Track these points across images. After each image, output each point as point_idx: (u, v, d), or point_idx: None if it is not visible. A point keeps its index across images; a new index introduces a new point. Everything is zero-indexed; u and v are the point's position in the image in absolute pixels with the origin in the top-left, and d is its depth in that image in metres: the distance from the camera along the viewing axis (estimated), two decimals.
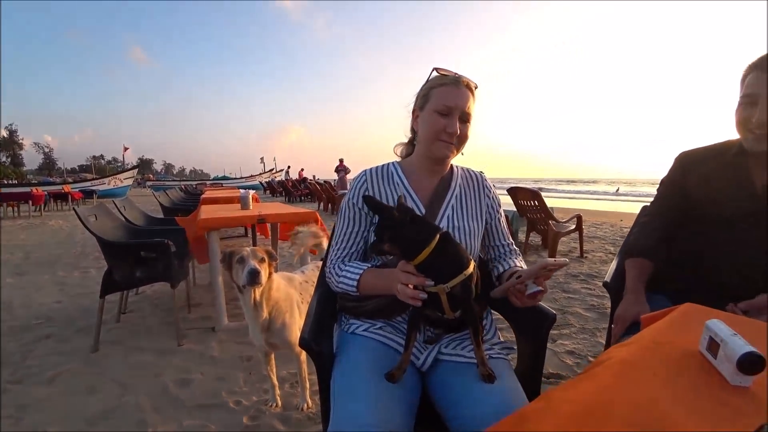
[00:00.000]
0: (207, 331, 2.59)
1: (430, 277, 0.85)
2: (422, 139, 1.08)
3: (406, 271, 0.87)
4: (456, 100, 1.01)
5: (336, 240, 1.12)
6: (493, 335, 1.09)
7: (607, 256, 5.14)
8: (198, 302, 3.16)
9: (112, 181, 23.27)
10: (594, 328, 2.69)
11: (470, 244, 1.08)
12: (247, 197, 3.14)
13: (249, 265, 1.49)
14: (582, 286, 3.67)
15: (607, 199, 24.64)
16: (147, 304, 3.16)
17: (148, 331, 2.63)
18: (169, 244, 2.38)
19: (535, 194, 4.99)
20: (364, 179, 1.11)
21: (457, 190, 1.13)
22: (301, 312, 1.76)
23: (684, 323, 0.72)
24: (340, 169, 14.42)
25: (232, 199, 4.61)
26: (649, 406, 0.49)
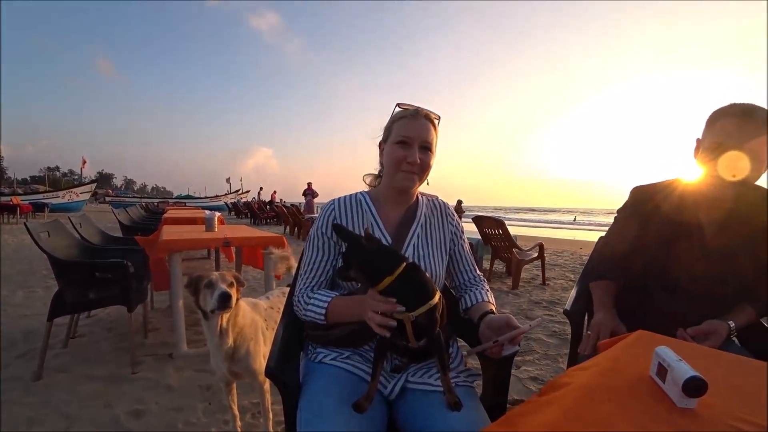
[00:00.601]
0: (164, 358, 2.46)
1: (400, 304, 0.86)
2: (386, 171, 1.13)
3: (375, 300, 0.88)
4: (415, 130, 1.06)
5: (304, 269, 1.13)
6: (459, 363, 1.10)
7: (567, 283, 5.34)
8: (155, 327, 3.00)
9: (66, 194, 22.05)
10: (556, 354, 2.76)
11: (435, 271, 1.12)
12: (212, 219, 3.06)
13: (219, 288, 1.45)
14: (545, 313, 3.79)
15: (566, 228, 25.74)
16: (99, 328, 2.97)
17: (99, 357, 2.47)
18: (127, 264, 2.28)
19: (499, 223, 5.17)
20: (333, 208, 1.13)
21: (422, 219, 1.17)
22: (266, 339, 1.71)
23: (636, 350, 0.77)
24: (308, 193, 14.36)
25: (196, 220, 4.47)
26: (606, 429, 0.53)
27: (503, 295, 4.51)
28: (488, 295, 1.16)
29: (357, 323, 0.97)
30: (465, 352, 1.16)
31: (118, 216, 5.03)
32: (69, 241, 2.67)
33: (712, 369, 0.70)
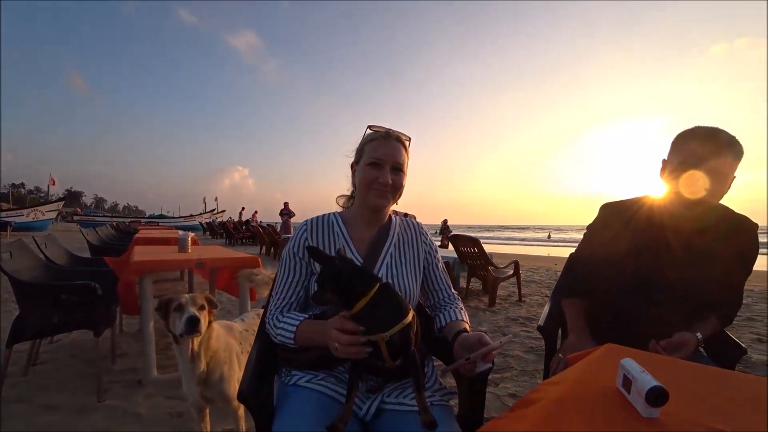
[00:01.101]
0: (133, 385, 2.35)
1: (369, 326, 0.86)
2: (359, 191, 1.15)
3: (338, 328, 0.87)
4: (386, 152, 1.09)
5: (276, 290, 1.13)
6: (435, 382, 1.11)
7: (543, 299, 5.43)
8: (124, 352, 2.88)
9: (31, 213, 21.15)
10: (534, 370, 2.79)
11: (409, 290, 1.13)
12: (185, 239, 2.98)
13: (188, 312, 1.42)
14: (521, 329, 3.83)
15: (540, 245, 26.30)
16: (63, 354, 2.82)
17: (62, 385, 2.33)
18: (95, 287, 2.19)
19: (475, 241, 5.25)
20: (305, 229, 1.14)
21: (395, 239, 1.19)
22: (240, 363, 1.67)
23: (604, 363, 0.80)
24: (285, 213, 14.21)
25: (169, 240, 4.35)
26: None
27: (480, 313, 4.54)
28: (462, 314, 1.17)
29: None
30: (440, 371, 1.17)
31: (86, 236, 4.85)
32: (33, 262, 2.56)
33: (675, 379, 0.73)
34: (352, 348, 0.86)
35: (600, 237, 1.39)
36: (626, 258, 1.31)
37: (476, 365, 0.94)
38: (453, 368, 0.95)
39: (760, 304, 5.34)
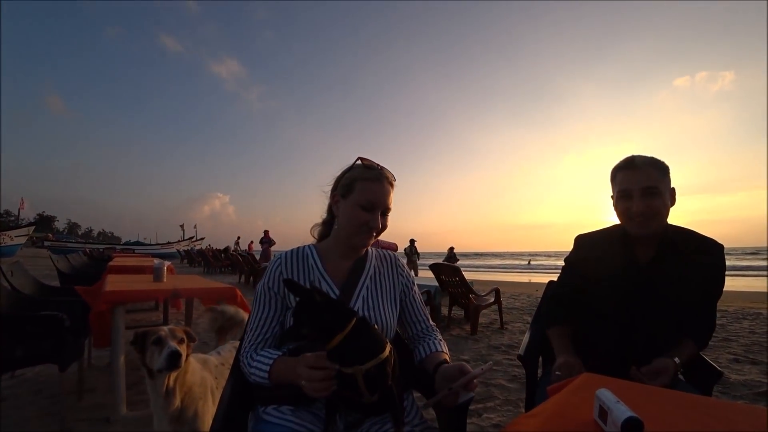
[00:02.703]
0: (99, 423, 2.22)
1: (346, 361, 0.85)
2: (343, 227, 1.12)
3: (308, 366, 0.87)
4: (380, 196, 1.08)
5: (251, 326, 1.10)
6: (415, 415, 1.09)
7: (525, 325, 5.44)
8: (91, 387, 2.72)
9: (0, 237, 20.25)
10: (517, 399, 2.76)
11: (386, 322, 1.11)
12: (161, 268, 2.90)
13: (169, 347, 1.37)
14: (504, 357, 3.81)
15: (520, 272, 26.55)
16: (25, 390, 2.65)
17: (23, 423, 2.19)
18: (62, 318, 2.09)
19: (456, 270, 5.28)
20: (279, 262, 1.12)
21: (372, 271, 1.17)
22: (215, 398, 1.60)
23: (581, 394, 0.80)
24: (265, 241, 14.01)
25: (144, 269, 4.22)
26: None
27: (462, 341, 4.51)
28: (442, 345, 1.16)
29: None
30: (421, 404, 1.15)
31: (56, 263, 4.67)
32: None
33: (651, 407, 0.75)
34: (320, 384, 0.84)
35: (576, 267, 1.44)
36: (602, 286, 1.34)
37: (458, 395, 0.93)
38: (435, 401, 0.94)
39: (734, 324, 5.48)
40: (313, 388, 0.85)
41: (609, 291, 1.33)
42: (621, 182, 1.29)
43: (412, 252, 14.76)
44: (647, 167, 1.25)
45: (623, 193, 1.28)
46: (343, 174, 1.14)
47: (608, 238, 1.39)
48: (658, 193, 1.24)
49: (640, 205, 1.23)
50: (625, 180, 1.28)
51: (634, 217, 1.26)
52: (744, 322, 5.62)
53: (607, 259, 1.35)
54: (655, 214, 1.24)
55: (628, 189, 1.26)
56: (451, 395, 0.92)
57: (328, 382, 0.85)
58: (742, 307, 6.91)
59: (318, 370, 0.85)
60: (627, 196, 1.27)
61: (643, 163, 1.26)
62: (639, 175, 1.25)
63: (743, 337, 4.68)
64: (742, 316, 6.05)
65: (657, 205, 1.24)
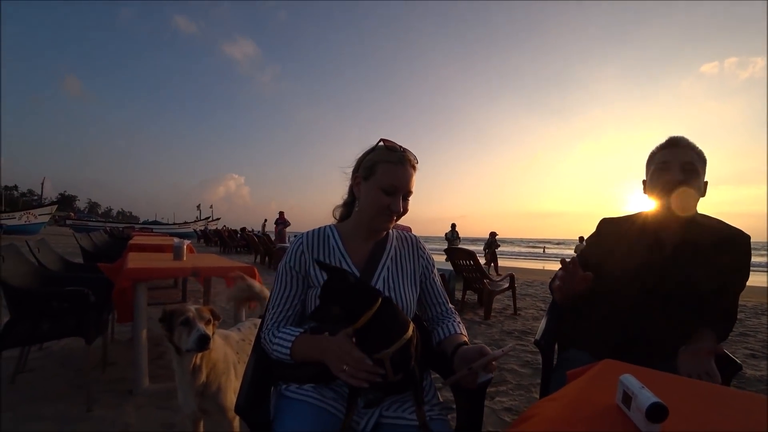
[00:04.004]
0: (123, 395, 2.31)
1: (372, 342, 0.87)
2: (364, 210, 1.12)
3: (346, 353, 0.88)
4: (402, 180, 1.07)
5: (272, 304, 1.11)
6: (433, 396, 1.10)
7: (538, 312, 5.43)
8: (115, 361, 2.83)
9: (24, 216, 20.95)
10: (529, 384, 2.78)
11: (407, 303, 1.11)
12: (181, 247, 2.96)
13: (198, 329, 1.40)
14: (517, 343, 3.82)
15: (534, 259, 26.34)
16: (52, 362, 2.77)
17: (50, 394, 2.29)
18: (87, 293, 2.16)
19: (471, 254, 5.26)
20: (300, 242, 1.12)
21: (392, 252, 1.17)
22: (237, 373, 1.65)
23: (603, 379, 0.80)
24: (280, 222, 14.06)
25: (163, 247, 4.31)
26: None
27: (475, 326, 4.53)
28: (460, 327, 1.17)
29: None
30: (439, 384, 1.16)
31: (80, 241, 4.81)
32: (25, 267, 2.53)
33: (674, 395, 0.73)
34: (363, 374, 0.86)
35: (598, 250, 1.42)
36: (622, 270, 1.32)
37: (478, 376, 0.93)
38: (454, 380, 0.95)
39: (753, 319, 5.38)
40: (355, 377, 0.86)
41: (631, 276, 1.30)
42: (660, 157, 1.28)
43: (453, 237, 14.07)
44: (690, 148, 1.25)
45: (662, 165, 1.26)
46: (365, 155, 1.12)
47: (633, 223, 1.37)
48: (696, 174, 1.23)
49: (679, 176, 1.22)
50: (665, 155, 1.27)
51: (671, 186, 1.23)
52: (762, 317, 5.53)
53: (630, 244, 1.33)
54: (689, 190, 1.22)
55: (668, 161, 1.25)
56: (471, 375, 0.92)
57: (371, 375, 0.86)
58: (761, 302, 6.78)
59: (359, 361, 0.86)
60: (665, 168, 1.25)
61: (687, 144, 1.26)
62: (681, 151, 1.25)
63: (761, 332, 4.60)
64: (761, 312, 5.95)
65: (692, 183, 1.22)
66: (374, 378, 0.87)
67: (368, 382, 0.88)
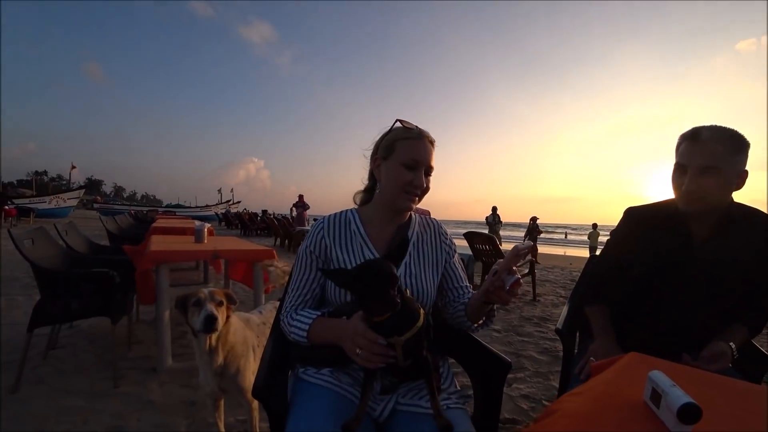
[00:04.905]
0: (147, 372, 2.39)
1: (387, 330, 0.86)
2: (386, 189, 1.10)
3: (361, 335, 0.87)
4: (422, 154, 1.05)
5: (292, 287, 1.11)
6: (450, 383, 1.08)
7: (558, 299, 5.35)
8: (140, 339, 2.93)
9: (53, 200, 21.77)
10: (547, 371, 2.75)
11: (427, 290, 1.09)
12: (202, 230, 3.01)
13: (206, 309, 1.42)
14: (535, 329, 3.78)
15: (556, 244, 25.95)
16: (81, 339, 2.88)
17: (79, 370, 2.39)
18: (113, 275, 2.23)
19: (490, 239, 5.20)
20: (321, 227, 1.12)
21: (414, 238, 1.15)
22: (256, 356, 1.68)
23: (629, 373, 0.76)
24: (299, 205, 14.10)
25: (185, 230, 4.38)
26: None
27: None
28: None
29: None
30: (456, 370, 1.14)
31: (105, 224, 4.96)
32: (54, 250, 2.61)
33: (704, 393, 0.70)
34: (376, 357, 0.85)
35: (624, 242, 1.35)
36: (649, 263, 1.26)
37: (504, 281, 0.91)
38: (482, 292, 0.94)
39: None
40: (369, 359, 0.86)
41: (659, 270, 1.24)
42: (681, 154, 1.18)
43: (495, 221, 13.28)
44: (712, 143, 1.12)
45: (679, 166, 1.18)
46: (383, 137, 1.11)
47: (662, 213, 1.29)
48: (716, 173, 1.12)
49: (692, 184, 1.13)
50: (685, 153, 1.16)
51: (683, 194, 1.16)
52: None
53: (659, 236, 1.26)
54: (705, 195, 1.13)
55: (685, 164, 1.16)
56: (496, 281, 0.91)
57: (384, 357, 0.86)
58: None
59: (372, 343, 0.85)
60: (683, 171, 1.17)
61: (709, 138, 1.12)
62: (700, 150, 1.13)
63: None
64: None
65: (710, 186, 1.12)
66: (387, 360, 0.86)
67: (382, 365, 0.87)
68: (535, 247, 12.50)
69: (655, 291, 1.25)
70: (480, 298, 0.98)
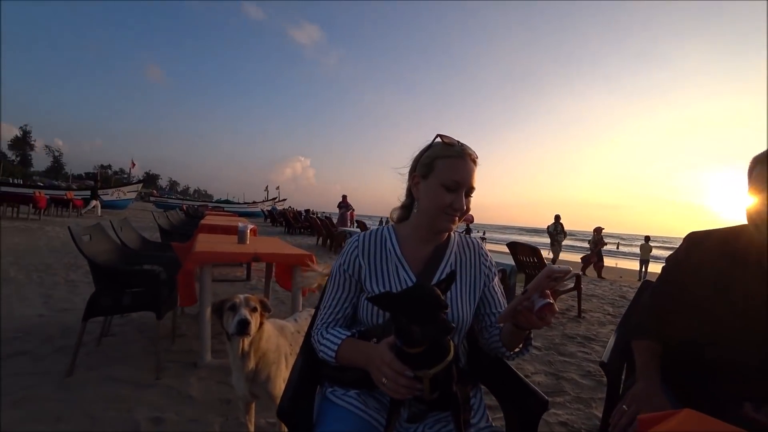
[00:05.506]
0: (188, 366, 2.50)
1: (417, 362, 0.82)
2: (424, 210, 1.06)
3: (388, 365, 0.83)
4: (463, 174, 1.00)
5: (324, 304, 1.10)
6: (481, 417, 1.03)
7: (605, 317, 5.05)
8: (183, 333, 3.07)
9: (115, 192, 23.55)
10: (590, 398, 2.58)
11: (463, 316, 1.04)
12: (244, 231, 3.10)
13: (240, 314, 1.46)
14: (578, 349, 3.58)
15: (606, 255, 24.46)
16: (131, 329, 3.07)
17: (126, 359, 2.53)
18: (159, 272, 2.34)
19: (534, 250, 5.00)
20: (356, 245, 1.09)
21: (452, 258, 1.10)
22: (288, 364, 1.69)
23: None
24: (343, 206, 14.06)
25: (230, 229, 4.53)
26: None
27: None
28: None
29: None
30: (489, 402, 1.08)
31: (157, 220, 5.26)
32: (109, 246, 2.79)
33: None
34: (403, 389, 0.81)
35: (684, 271, 1.20)
36: (712, 299, 1.13)
37: (533, 303, 0.85)
38: (510, 310, 0.88)
39: None
40: (395, 390, 0.82)
41: (727, 306, 1.10)
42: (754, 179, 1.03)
43: (557, 230, 12.18)
44: None
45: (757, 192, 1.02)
46: (422, 153, 1.07)
47: (733, 240, 1.14)
48: None
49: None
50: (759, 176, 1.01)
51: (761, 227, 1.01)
52: None
53: (728, 267, 1.11)
54: None
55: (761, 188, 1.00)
56: (525, 301, 0.85)
57: (411, 390, 0.82)
58: None
59: (399, 375, 0.82)
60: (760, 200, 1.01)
61: None
62: None
63: None
64: None
65: None
66: (413, 393, 0.82)
67: (409, 395, 0.83)
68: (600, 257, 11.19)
69: (719, 330, 1.11)
70: (509, 317, 0.91)
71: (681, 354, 1.17)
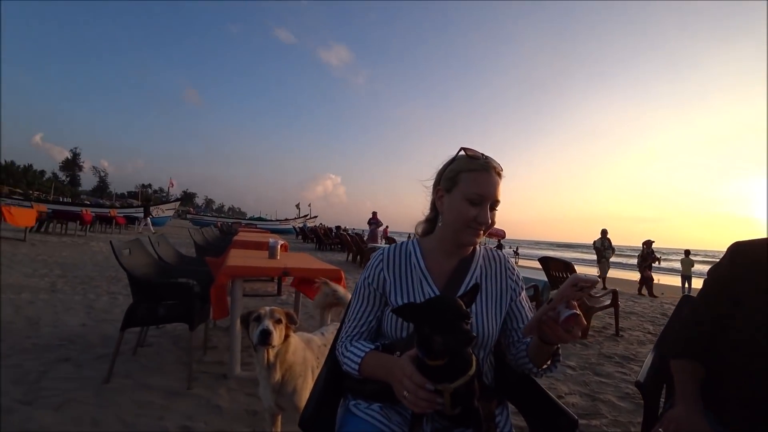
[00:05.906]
0: (218, 377, 2.55)
1: (438, 375, 0.81)
2: (448, 224, 1.05)
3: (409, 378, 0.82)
4: (488, 188, 0.99)
5: (349, 317, 1.11)
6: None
7: (645, 335, 4.79)
8: (215, 345, 3.15)
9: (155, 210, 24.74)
10: (628, 421, 2.44)
11: (488, 331, 1.02)
12: (275, 246, 3.17)
13: (262, 324, 1.49)
14: (616, 370, 3.40)
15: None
16: (166, 340, 3.17)
17: (160, 368, 2.62)
18: (192, 285, 2.42)
19: (568, 266, 4.84)
20: (381, 259, 1.09)
21: (478, 272, 1.08)
22: (315, 377, 1.70)
23: None
24: (373, 222, 14.00)
25: (262, 245, 4.64)
26: None
27: (569, 345, 4.12)
28: None
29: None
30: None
31: (193, 236, 5.47)
32: (147, 260, 2.92)
33: None
34: (423, 402, 0.80)
35: (729, 285, 1.12)
36: (760, 317, 1.05)
37: (559, 313, 0.82)
38: (535, 320, 0.86)
39: None
40: (415, 403, 0.82)
41: (764, 318, 1.02)
42: None
43: (604, 246, 11.47)
44: None
45: None
46: (446, 166, 1.07)
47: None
48: None
49: None
50: None
51: None
52: None
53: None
54: None
55: None
56: (551, 310, 0.82)
57: (431, 404, 0.81)
58: None
59: (419, 388, 0.81)
60: None
61: None
62: None
63: None
64: None
65: None
66: (434, 406, 0.81)
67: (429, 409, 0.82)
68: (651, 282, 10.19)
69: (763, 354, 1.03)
70: (534, 327, 0.88)
71: (723, 378, 1.09)
